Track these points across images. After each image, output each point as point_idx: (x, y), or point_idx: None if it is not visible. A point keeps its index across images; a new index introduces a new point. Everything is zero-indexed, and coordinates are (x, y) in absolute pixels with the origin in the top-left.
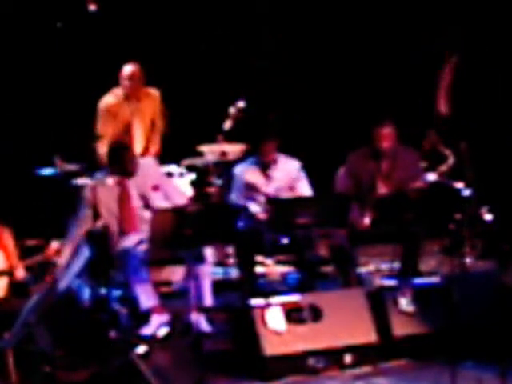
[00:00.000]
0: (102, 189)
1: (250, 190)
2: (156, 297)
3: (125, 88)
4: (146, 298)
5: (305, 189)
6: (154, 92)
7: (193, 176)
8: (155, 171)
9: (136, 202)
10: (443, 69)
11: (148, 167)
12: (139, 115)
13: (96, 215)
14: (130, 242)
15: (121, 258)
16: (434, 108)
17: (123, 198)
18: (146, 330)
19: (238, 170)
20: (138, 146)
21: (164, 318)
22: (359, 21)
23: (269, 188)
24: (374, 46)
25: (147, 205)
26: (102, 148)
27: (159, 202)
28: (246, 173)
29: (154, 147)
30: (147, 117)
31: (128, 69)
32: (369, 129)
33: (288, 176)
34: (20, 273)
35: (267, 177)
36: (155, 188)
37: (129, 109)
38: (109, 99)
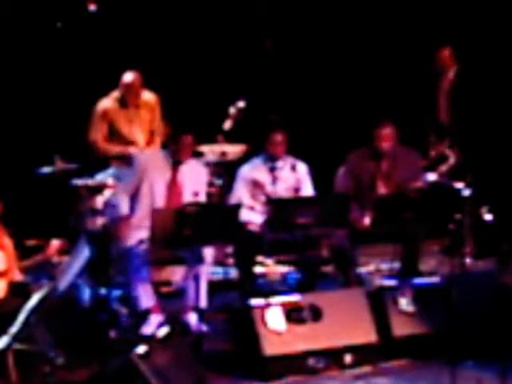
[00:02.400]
0: (154, 166)
1: (256, 188)
2: (154, 297)
3: (124, 96)
4: (146, 297)
5: (309, 192)
6: (152, 98)
7: None
8: (203, 178)
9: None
10: (442, 79)
11: (200, 172)
12: (138, 122)
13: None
14: (133, 240)
15: (123, 257)
16: (434, 113)
17: (173, 188)
18: (146, 330)
19: (245, 168)
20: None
21: (161, 317)
22: (359, 22)
23: (275, 187)
24: (375, 47)
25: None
26: (100, 143)
27: None
28: (253, 171)
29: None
30: (146, 124)
31: (128, 78)
32: (369, 129)
33: (294, 177)
34: (17, 276)
35: (274, 176)
36: (196, 194)
37: (127, 116)
38: (106, 103)
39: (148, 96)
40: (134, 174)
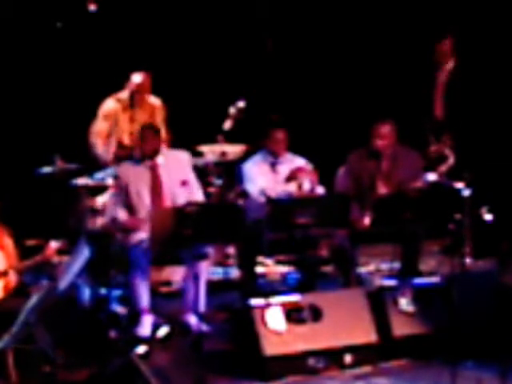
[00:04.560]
0: (133, 172)
1: None
2: (149, 297)
3: (131, 96)
4: (142, 298)
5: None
6: (157, 102)
7: None
8: (187, 166)
9: (166, 189)
10: (437, 74)
11: (182, 162)
12: (141, 123)
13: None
14: (134, 240)
15: (125, 255)
16: (431, 110)
17: (155, 180)
18: (140, 331)
19: (248, 164)
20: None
21: (152, 318)
22: (359, 21)
23: (276, 185)
24: (374, 47)
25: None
26: (100, 147)
27: (183, 198)
28: (256, 168)
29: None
30: None
31: (137, 78)
32: (369, 129)
33: None
34: (12, 277)
35: (276, 173)
36: (184, 183)
37: (131, 116)
38: (111, 104)
39: (153, 100)
40: (120, 187)
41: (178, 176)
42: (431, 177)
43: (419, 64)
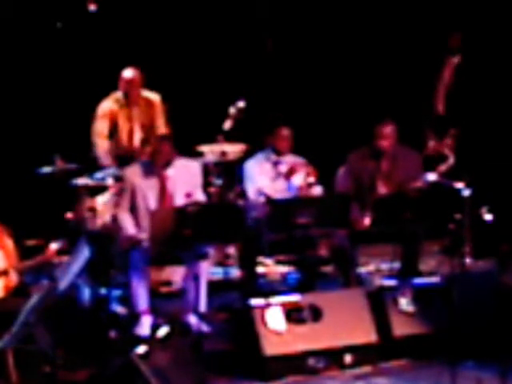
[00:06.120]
0: (141, 178)
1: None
2: (148, 298)
3: (124, 93)
4: (140, 299)
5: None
6: (155, 97)
7: None
8: (196, 179)
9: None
10: (442, 69)
11: (191, 170)
12: (138, 121)
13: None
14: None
15: (123, 256)
16: (431, 107)
17: (162, 192)
18: (139, 331)
19: (250, 163)
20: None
21: (152, 318)
22: (359, 21)
23: (277, 183)
24: (375, 46)
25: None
26: (101, 147)
27: None
28: (257, 165)
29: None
30: (146, 122)
31: (127, 74)
32: (369, 128)
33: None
34: (13, 277)
35: (276, 171)
36: (188, 195)
37: (128, 114)
38: (108, 104)
39: (150, 94)
40: (126, 190)
41: (184, 188)
42: (431, 177)
43: (419, 61)
